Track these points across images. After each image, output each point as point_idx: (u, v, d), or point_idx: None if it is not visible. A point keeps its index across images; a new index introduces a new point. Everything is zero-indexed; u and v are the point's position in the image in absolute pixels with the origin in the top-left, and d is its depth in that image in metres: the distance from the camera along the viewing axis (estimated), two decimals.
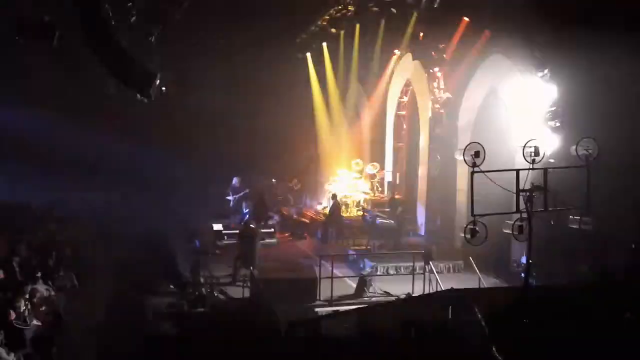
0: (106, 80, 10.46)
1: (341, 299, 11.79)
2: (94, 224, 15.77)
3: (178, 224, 16.53)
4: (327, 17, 19.08)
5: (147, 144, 18.21)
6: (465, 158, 8.17)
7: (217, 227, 16.01)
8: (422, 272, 12.35)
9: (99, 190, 17.86)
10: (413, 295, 11.66)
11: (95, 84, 12.28)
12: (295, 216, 18.91)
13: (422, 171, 17.61)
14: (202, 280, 12.54)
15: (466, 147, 8.26)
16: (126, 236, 14.79)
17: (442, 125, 16.24)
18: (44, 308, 9.67)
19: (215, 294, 12.06)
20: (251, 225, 13.93)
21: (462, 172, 14.94)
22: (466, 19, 14.93)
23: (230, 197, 18.51)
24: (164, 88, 11.01)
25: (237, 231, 14.50)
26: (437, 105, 16.39)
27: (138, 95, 10.36)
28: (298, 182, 21.21)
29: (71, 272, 11.73)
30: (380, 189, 19.75)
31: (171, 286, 12.38)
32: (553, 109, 12.02)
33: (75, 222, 15.49)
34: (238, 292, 12.22)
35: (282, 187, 21.08)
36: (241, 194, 18.35)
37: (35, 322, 9.27)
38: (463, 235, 14.04)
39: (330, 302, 11.53)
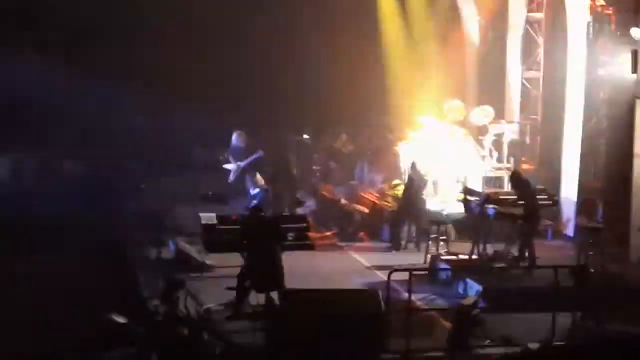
0: None
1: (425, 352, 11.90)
2: None
3: (138, 214, 16.76)
4: None
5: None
6: None
7: (208, 218, 16.12)
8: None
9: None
10: (553, 343, 11.74)
11: None
12: (343, 201, 19.14)
13: (572, 123, 17.64)
14: (182, 312, 12.56)
15: None
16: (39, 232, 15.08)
17: (610, 39, 16.19)
18: None
19: (207, 338, 12.17)
20: (266, 216, 14.18)
21: None
22: None
23: (230, 166, 18.80)
24: None
25: (242, 226, 14.62)
26: (600, 2, 16.35)
27: None
28: (349, 141, 21.31)
29: None
30: (496, 153, 19.78)
31: (121, 321, 12.24)
32: None
33: None
34: (246, 333, 12.29)
35: (321, 149, 21.38)
36: (249, 160, 18.65)
37: None
38: None
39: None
